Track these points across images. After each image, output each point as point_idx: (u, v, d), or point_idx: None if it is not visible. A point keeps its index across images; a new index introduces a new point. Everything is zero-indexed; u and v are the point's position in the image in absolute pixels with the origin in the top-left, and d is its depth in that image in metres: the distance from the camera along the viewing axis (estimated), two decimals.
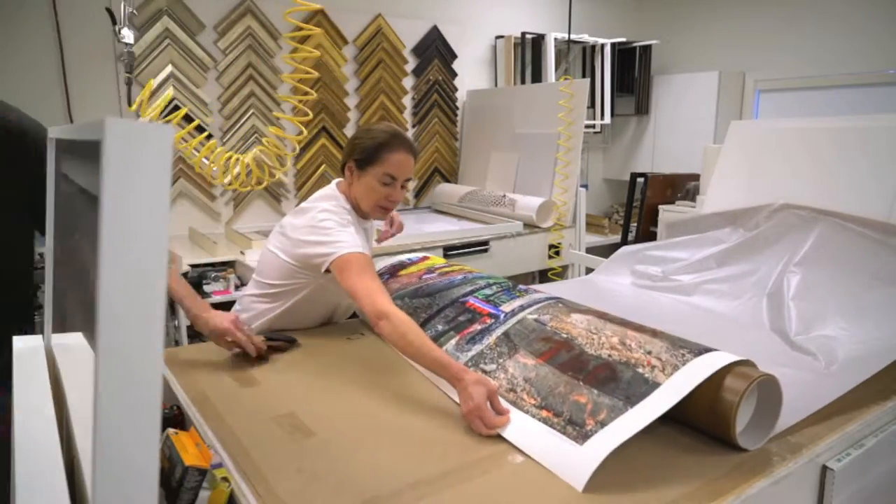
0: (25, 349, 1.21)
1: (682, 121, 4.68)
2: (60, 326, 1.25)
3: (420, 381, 1.37)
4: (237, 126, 3.42)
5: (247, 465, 1.01)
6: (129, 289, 0.44)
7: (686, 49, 4.91)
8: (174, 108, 3.06)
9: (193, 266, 2.61)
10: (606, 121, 4.64)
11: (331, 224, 1.53)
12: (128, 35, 2.33)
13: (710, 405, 1.10)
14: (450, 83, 4.24)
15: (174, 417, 1.16)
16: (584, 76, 4.65)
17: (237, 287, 2.64)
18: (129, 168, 0.44)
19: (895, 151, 1.91)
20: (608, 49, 4.60)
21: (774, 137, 2.27)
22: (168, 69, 3.16)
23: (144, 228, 0.44)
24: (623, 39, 4.70)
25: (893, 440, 1.29)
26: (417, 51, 4.05)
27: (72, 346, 1.21)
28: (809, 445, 1.13)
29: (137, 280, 0.44)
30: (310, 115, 2.53)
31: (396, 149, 1.59)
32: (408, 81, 4.06)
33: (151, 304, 0.45)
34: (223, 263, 2.72)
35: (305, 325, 1.71)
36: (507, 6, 4.44)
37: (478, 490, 0.96)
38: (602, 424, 1.06)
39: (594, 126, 4.62)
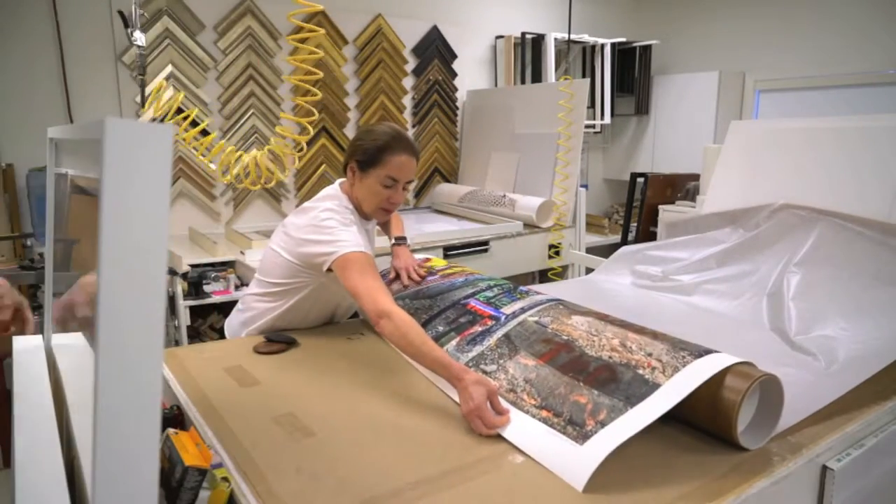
0: (25, 349, 1.21)
1: (682, 121, 4.68)
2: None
3: (420, 382, 1.37)
4: (237, 126, 3.42)
5: (247, 465, 1.01)
6: (129, 289, 0.44)
7: (686, 49, 4.91)
8: (178, 111, 3.06)
9: (193, 266, 2.61)
10: (606, 121, 4.64)
11: (333, 223, 1.53)
12: (140, 38, 2.34)
13: (712, 404, 1.10)
14: (450, 83, 4.24)
15: (174, 417, 1.16)
16: (584, 76, 4.65)
17: (237, 287, 2.64)
18: (129, 168, 0.44)
19: (895, 151, 1.91)
20: (608, 49, 4.60)
21: (774, 137, 2.27)
22: (168, 69, 3.16)
23: (144, 228, 0.44)
24: (623, 39, 4.70)
25: (893, 440, 1.29)
26: (417, 51, 4.05)
27: (72, 346, 1.21)
28: (809, 445, 1.13)
29: (137, 280, 0.44)
30: (315, 115, 2.54)
31: (398, 151, 1.59)
32: (408, 81, 4.06)
33: (151, 304, 0.45)
34: (223, 263, 2.72)
35: (307, 325, 1.72)
36: (507, 6, 4.44)
37: (478, 490, 0.96)
38: (602, 424, 1.06)
39: (594, 126, 4.62)
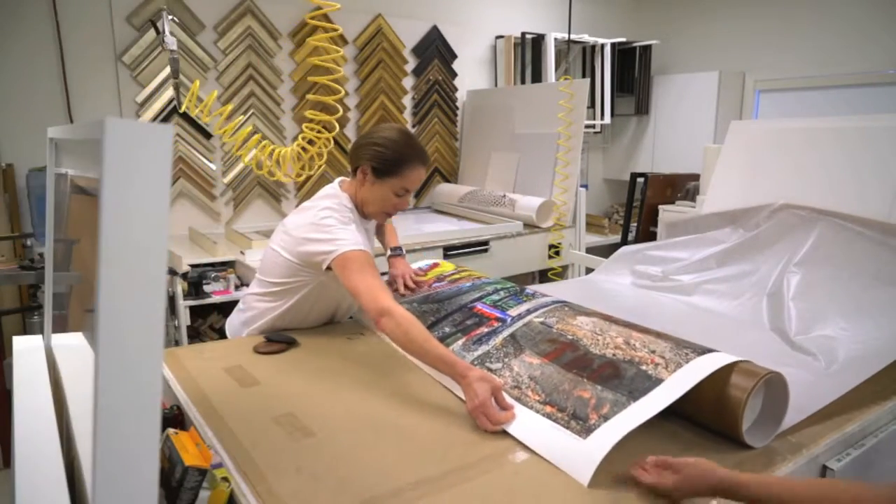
0: (25, 349, 1.21)
1: (682, 121, 4.67)
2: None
3: (420, 381, 1.37)
4: (237, 125, 3.42)
5: (247, 465, 1.01)
6: (129, 289, 0.44)
7: (686, 49, 4.91)
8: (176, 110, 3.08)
9: (193, 266, 2.61)
10: (606, 121, 4.64)
11: (332, 222, 1.53)
12: (172, 42, 2.40)
13: (718, 401, 1.10)
14: (450, 83, 4.24)
15: (174, 417, 1.16)
16: (584, 76, 4.65)
17: (237, 287, 2.64)
18: (129, 168, 0.44)
19: (895, 151, 1.91)
20: (608, 49, 4.60)
21: (774, 137, 2.27)
22: (168, 69, 3.16)
23: (144, 228, 0.44)
24: (623, 39, 4.70)
25: (893, 440, 1.29)
26: (417, 51, 4.05)
27: (72, 346, 1.21)
28: (809, 445, 1.13)
29: (137, 280, 0.44)
30: (340, 112, 2.62)
31: (417, 165, 1.60)
32: (408, 81, 4.05)
33: (151, 304, 0.45)
34: (223, 263, 2.72)
35: (307, 325, 1.72)
36: (507, 6, 4.44)
37: (479, 490, 0.96)
38: (605, 418, 1.07)
39: (594, 126, 4.62)
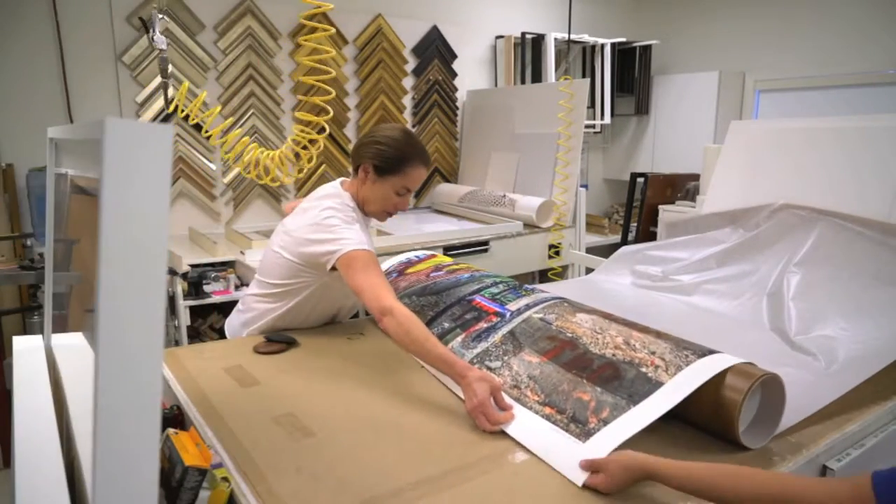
0: (25, 349, 1.21)
1: (682, 121, 4.67)
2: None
3: (420, 381, 1.37)
4: (237, 126, 3.42)
5: (247, 465, 1.01)
6: (129, 289, 0.44)
7: (686, 49, 4.90)
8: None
9: (193, 266, 2.61)
10: (606, 121, 4.64)
11: (336, 221, 1.53)
12: (161, 41, 2.39)
13: (715, 403, 1.10)
14: (450, 83, 4.24)
15: (174, 417, 1.16)
16: (584, 76, 4.65)
17: (237, 287, 2.64)
18: (129, 168, 0.44)
19: (895, 151, 1.91)
20: (608, 49, 4.60)
21: (774, 137, 2.27)
22: (168, 69, 3.15)
23: (144, 228, 0.44)
24: (623, 39, 4.70)
25: (893, 440, 1.29)
26: (417, 51, 4.05)
27: (72, 346, 1.21)
28: (809, 445, 1.13)
29: (137, 280, 0.44)
30: (331, 114, 2.58)
31: (418, 164, 1.61)
32: (408, 81, 4.05)
33: (151, 304, 0.45)
34: (223, 263, 2.71)
35: (308, 325, 1.72)
36: (507, 6, 4.44)
37: (478, 490, 0.96)
38: (605, 422, 1.07)
39: (594, 126, 4.62)
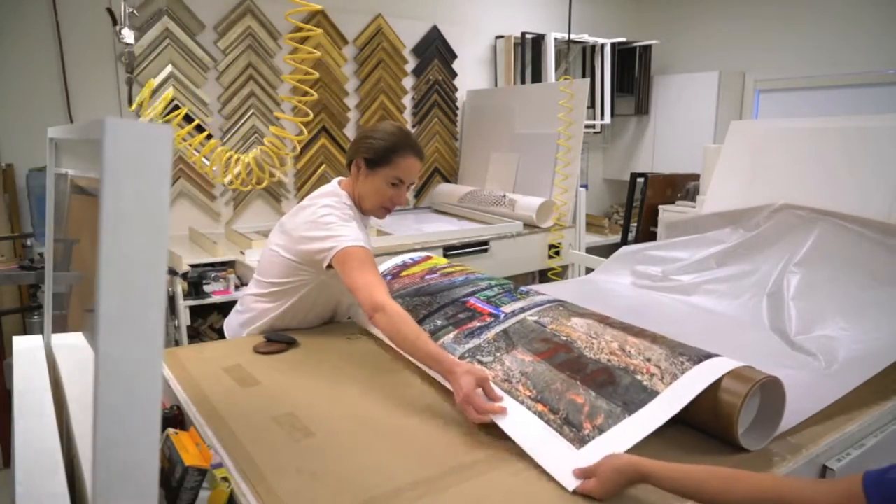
0: (25, 349, 1.21)
1: (682, 121, 4.67)
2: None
3: (420, 382, 1.37)
4: (237, 126, 3.42)
5: (247, 465, 1.01)
6: (129, 289, 0.44)
7: (686, 49, 4.90)
8: (174, 108, 3.06)
9: (193, 266, 2.61)
10: (606, 121, 4.64)
11: (332, 219, 1.53)
12: (128, 35, 2.34)
13: (713, 406, 1.10)
14: (450, 83, 4.24)
15: (174, 417, 1.16)
16: (584, 76, 4.65)
17: (237, 287, 2.64)
18: (129, 168, 0.44)
19: (895, 151, 1.91)
20: (608, 49, 4.60)
21: (774, 137, 2.27)
22: (168, 69, 3.16)
23: (144, 228, 0.44)
24: (623, 39, 4.70)
25: (893, 440, 1.29)
26: (417, 51, 4.05)
27: (72, 346, 1.21)
28: (809, 445, 1.13)
29: (137, 280, 0.44)
30: (310, 116, 2.55)
31: (408, 153, 1.60)
32: (408, 81, 4.05)
33: (151, 304, 0.45)
34: (223, 263, 2.72)
35: (307, 324, 1.72)
36: (507, 6, 4.44)
37: (477, 490, 0.96)
38: (600, 430, 1.06)
39: (594, 126, 4.62)
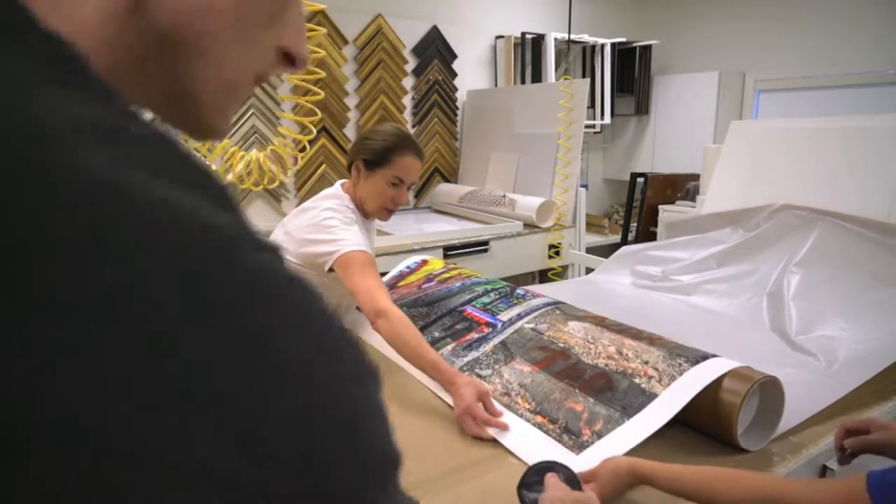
0: None
1: (682, 121, 4.67)
2: None
3: (420, 383, 1.37)
4: (237, 126, 3.42)
5: None
6: None
7: (686, 49, 4.90)
8: None
9: None
10: (606, 121, 4.64)
11: (335, 222, 1.53)
12: None
13: (712, 406, 1.10)
14: (450, 83, 4.24)
15: None
16: (584, 76, 4.65)
17: None
18: None
19: (895, 151, 1.91)
20: (608, 49, 4.59)
21: (774, 137, 2.27)
22: None
23: None
24: (623, 39, 4.70)
25: None
26: (417, 51, 4.05)
27: None
28: (809, 445, 1.13)
29: None
30: (318, 115, 2.55)
31: (406, 152, 1.60)
32: (408, 81, 4.05)
33: None
34: None
35: None
36: (507, 6, 4.44)
37: (478, 490, 0.96)
38: (598, 435, 1.06)
39: (594, 126, 4.61)
